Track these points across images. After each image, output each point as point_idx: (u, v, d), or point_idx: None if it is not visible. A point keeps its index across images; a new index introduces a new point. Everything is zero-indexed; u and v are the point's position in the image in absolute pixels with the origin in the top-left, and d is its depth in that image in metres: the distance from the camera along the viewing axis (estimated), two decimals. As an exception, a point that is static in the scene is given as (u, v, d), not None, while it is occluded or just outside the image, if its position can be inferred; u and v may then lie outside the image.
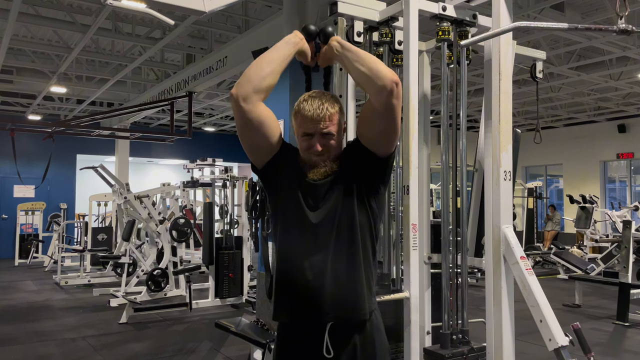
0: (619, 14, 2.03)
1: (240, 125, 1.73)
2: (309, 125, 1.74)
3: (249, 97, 1.66)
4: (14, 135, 7.17)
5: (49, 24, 7.47)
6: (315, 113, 1.72)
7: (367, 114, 1.76)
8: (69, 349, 5.27)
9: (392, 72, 1.67)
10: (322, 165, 1.77)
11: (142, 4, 3.30)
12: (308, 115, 1.73)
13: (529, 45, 6.13)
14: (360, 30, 2.86)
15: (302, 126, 1.75)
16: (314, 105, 1.73)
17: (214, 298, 7.25)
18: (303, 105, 1.75)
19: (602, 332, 5.97)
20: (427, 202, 3.06)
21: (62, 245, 10.24)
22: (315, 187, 1.76)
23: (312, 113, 1.73)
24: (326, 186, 1.76)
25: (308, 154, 1.77)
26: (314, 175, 1.77)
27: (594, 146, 15.06)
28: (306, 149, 1.77)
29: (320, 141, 1.74)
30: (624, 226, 6.74)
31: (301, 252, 1.72)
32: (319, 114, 1.72)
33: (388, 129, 1.73)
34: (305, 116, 1.74)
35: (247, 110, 1.67)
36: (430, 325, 2.97)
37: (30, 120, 12.50)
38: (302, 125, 1.75)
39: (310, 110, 1.73)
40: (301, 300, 1.71)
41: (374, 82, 1.65)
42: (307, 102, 1.75)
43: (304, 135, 1.76)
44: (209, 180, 9.26)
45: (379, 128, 1.73)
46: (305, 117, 1.74)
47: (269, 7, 7.08)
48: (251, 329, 3.93)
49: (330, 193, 1.75)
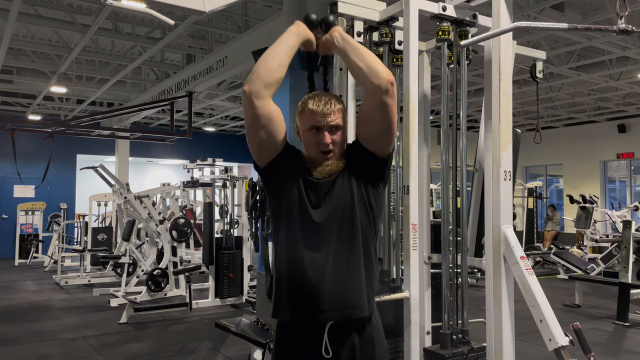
0: (619, 14, 2.03)
1: (249, 121, 1.74)
2: (318, 119, 1.76)
3: (260, 93, 1.69)
4: (14, 135, 7.17)
5: (49, 24, 7.46)
6: (325, 107, 1.77)
7: (364, 114, 1.79)
8: (69, 349, 5.27)
9: (389, 71, 1.72)
10: (327, 164, 1.78)
11: (142, 4, 3.30)
12: (317, 110, 1.76)
13: (529, 45, 6.13)
14: (360, 30, 2.87)
15: (310, 120, 1.77)
16: (322, 101, 1.78)
17: (214, 298, 7.25)
18: (310, 102, 1.79)
19: (602, 332, 5.97)
20: (427, 202, 3.06)
21: (62, 245, 10.25)
22: (317, 185, 1.78)
23: (321, 108, 1.76)
24: (328, 185, 1.78)
25: (316, 150, 1.78)
26: (318, 174, 1.78)
27: (594, 146, 15.06)
28: (315, 144, 1.78)
29: (329, 133, 1.77)
30: (624, 226, 6.74)
31: (302, 249, 1.73)
32: (328, 108, 1.77)
33: (384, 129, 1.77)
34: (313, 111, 1.77)
35: (258, 106, 1.69)
36: (430, 325, 2.97)
37: (30, 120, 12.49)
38: (310, 119, 1.77)
39: (319, 105, 1.77)
40: (301, 298, 1.72)
41: (370, 79, 1.70)
42: (313, 100, 1.79)
43: (311, 129, 1.78)
44: (209, 180, 9.27)
45: (376, 127, 1.77)
46: (313, 111, 1.77)
47: (269, 7, 7.08)
48: (251, 329, 3.93)
49: (332, 192, 1.77)
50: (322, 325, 1.72)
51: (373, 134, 1.79)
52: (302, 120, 1.81)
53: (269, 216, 3.71)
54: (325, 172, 1.78)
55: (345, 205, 1.76)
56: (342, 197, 1.76)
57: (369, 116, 1.77)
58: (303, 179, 1.79)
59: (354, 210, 1.76)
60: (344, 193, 1.77)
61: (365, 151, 1.80)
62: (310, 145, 1.80)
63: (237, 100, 12.43)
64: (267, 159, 1.82)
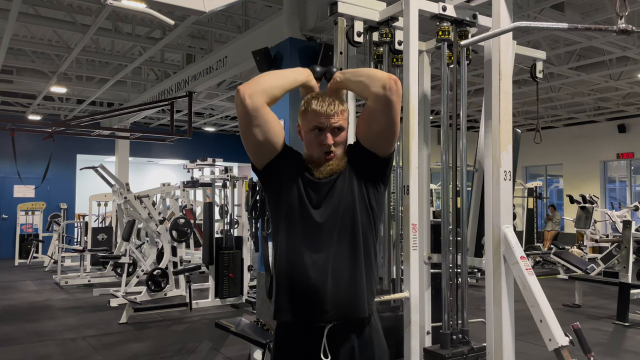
0: (619, 14, 2.03)
1: (243, 122, 1.75)
2: (322, 120, 1.77)
3: (255, 95, 1.70)
4: (14, 135, 7.17)
5: (49, 24, 7.46)
6: (329, 108, 1.77)
7: (367, 114, 1.80)
8: (69, 349, 5.27)
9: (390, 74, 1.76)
10: (328, 164, 1.78)
11: (142, 4, 3.30)
12: (321, 110, 1.77)
13: (529, 45, 6.12)
14: (360, 30, 2.86)
15: (314, 121, 1.78)
16: (326, 102, 1.78)
17: (214, 298, 7.25)
18: (313, 102, 1.79)
19: (602, 332, 5.97)
20: (427, 202, 3.06)
21: (62, 245, 10.25)
22: (318, 185, 1.78)
23: (325, 109, 1.77)
24: (329, 185, 1.78)
25: (318, 150, 1.78)
26: (319, 174, 1.79)
27: (594, 146, 15.05)
28: (317, 145, 1.78)
29: (332, 135, 1.77)
30: (624, 226, 6.74)
31: (303, 250, 1.73)
32: (332, 109, 1.78)
33: (387, 129, 1.77)
34: (317, 112, 1.77)
35: (250, 106, 1.70)
36: (430, 325, 2.97)
37: (30, 120, 12.49)
38: (314, 119, 1.78)
39: (323, 106, 1.77)
40: (303, 299, 1.72)
41: (373, 83, 1.72)
42: (316, 100, 1.79)
43: (314, 130, 1.78)
44: (209, 180, 9.27)
45: (378, 127, 1.77)
46: (317, 112, 1.77)
47: (269, 7, 7.08)
48: (251, 329, 3.93)
49: (333, 191, 1.77)
50: (322, 327, 1.72)
51: (375, 134, 1.79)
52: (304, 120, 1.81)
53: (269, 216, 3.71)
54: (327, 172, 1.78)
55: (346, 205, 1.76)
56: (343, 197, 1.76)
57: (372, 116, 1.77)
58: (303, 178, 1.79)
59: (354, 210, 1.76)
60: (345, 193, 1.77)
61: (366, 151, 1.81)
62: (312, 145, 1.80)
63: (237, 100, 12.42)
64: (265, 161, 1.82)
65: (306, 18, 5.46)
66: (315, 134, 1.78)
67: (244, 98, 1.69)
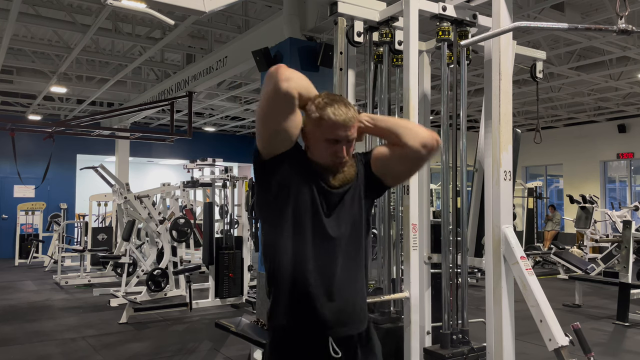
0: (619, 14, 2.03)
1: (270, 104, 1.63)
2: (339, 133, 1.68)
3: (292, 81, 1.59)
4: (14, 135, 7.18)
5: (49, 24, 7.46)
6: (346, 120, 1.68)
7: (390, 156, 1.79)
8: (69, 349, 5.27)
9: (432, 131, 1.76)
10: (341, 170, 1.75)
11: (142, 4, 3.30)
12: (339, 121, 1.67)
13: (529, 45, 6.12)
14: (360, 30, 2.87)
15: (330, 133, 1.68)
16: (342, 112, 1.68)
17: (214, 298, 7.25)
18: (329, 111, 1.67)
19: (602, 332, 5.97)
20: (427, 202, 3.07)
21: (62, 245, 10.24)
22: (330, 194, 1.75)
23: (343, 120, 1.67)
24: (340, 195, 1.76)
25: (330, 159, 1.72)
26: (335, 181, 1.74)
27: (594, 146, 15.05)
28: (330, 154, 1.71)
29: (346, 147, 1.72)
30: (624, 226, 6.74)
31: (312, 257, 1.71)
32: (348, 120, 1.69)
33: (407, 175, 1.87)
34: (336, 122, 1.67)
35: (285, 90, 1.58)
36: (430, 325, 2.97)
37: (30, 120, 12.49)
38: (331, 132, 1.68)
39: (341, 116, 1.67)
40: (306, 306, 1.70)
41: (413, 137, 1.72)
42: (332, 108, 1.67)
43: (328, 141, 1.70)
44: (209, 180, 9.26)
45: (399, 170, 1.82)
46: (336, 123, 1.67)
47: (269, 7, 7.08)
48: (251, 329, 3.94)
49: (343, 204, 1.76)
50: (325, 338, 1.71)
51: (392, 173, 1.82)
52: (318, 127, 1.70)
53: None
54: (340, 180, 1.75)
55: (354, 221, 1.77)
56: (352, 212, 1.77)
57: (398, 161, 1.77)
58: (317, 185, 1.73)
59: (361, 225, 1.79)
60: (354, 208, 1.78)
61: (374, 177, 1.82)
62: (321, 153, 1.73)
63: (237, 100, 12.44)
64: (276, 151, 1.71)
65: (306, 18, 5.46)
66: (330, 143, 1.71)
67: (281, 80, 1.57)
